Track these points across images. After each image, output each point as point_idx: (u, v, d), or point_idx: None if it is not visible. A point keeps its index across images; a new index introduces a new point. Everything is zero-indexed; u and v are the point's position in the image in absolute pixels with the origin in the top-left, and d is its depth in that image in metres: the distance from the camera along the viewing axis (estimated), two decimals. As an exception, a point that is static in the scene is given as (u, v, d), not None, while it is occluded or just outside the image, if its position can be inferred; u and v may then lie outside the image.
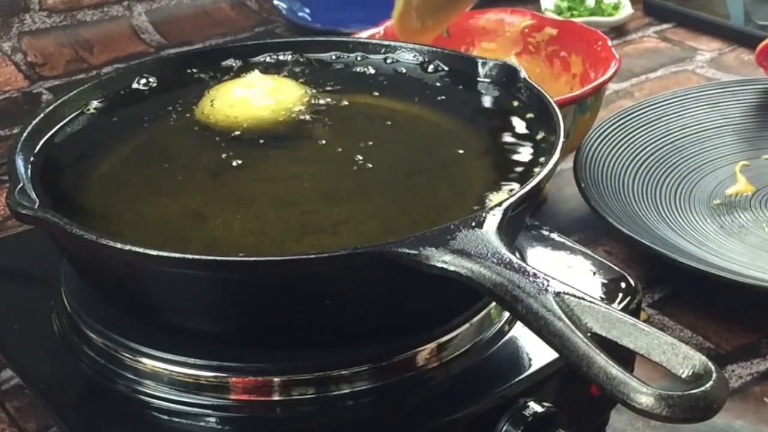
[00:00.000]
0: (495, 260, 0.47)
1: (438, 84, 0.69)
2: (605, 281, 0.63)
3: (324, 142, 0.63)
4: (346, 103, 0.67)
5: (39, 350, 0.60)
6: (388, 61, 0.72)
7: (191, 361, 0.54)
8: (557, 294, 0.46)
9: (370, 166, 0.60)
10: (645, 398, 0.41)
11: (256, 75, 0.69)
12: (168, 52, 1.21)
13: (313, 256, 0.49)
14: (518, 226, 0.57)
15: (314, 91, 0.68)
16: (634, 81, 1.13)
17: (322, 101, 0.67)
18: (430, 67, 0.71)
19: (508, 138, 0.62)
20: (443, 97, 0.67)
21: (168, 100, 0.68)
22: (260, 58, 0.72)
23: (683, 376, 0.43)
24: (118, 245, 0.50)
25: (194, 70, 0.71)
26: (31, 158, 0.60)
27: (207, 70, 0.71)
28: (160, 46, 1.25)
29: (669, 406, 0.41)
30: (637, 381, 0.42)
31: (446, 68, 0.70)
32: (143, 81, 0.69)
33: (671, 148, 0.92)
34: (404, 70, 0.71)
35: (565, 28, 0.94)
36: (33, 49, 1.21)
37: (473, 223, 0.50)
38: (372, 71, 0.71)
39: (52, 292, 0.62)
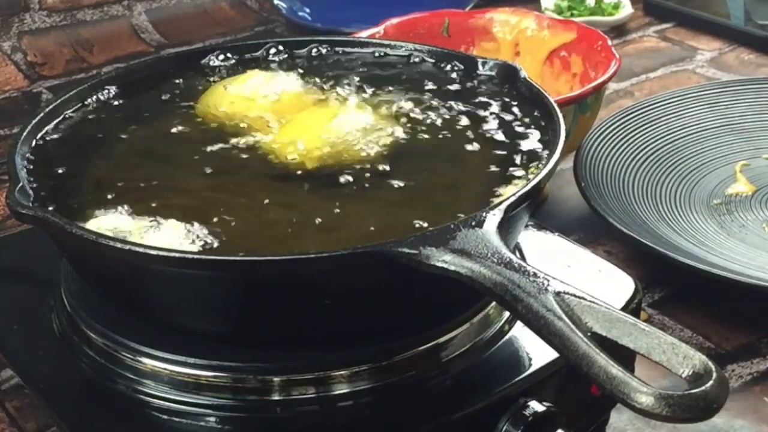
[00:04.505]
0: (495, 260, 0.47)
1: (438, 83, 0.69)
2: (605, 281, 0.63)
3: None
4: (345, 100, 0.67)
5: (39, 350, 0.60)
6: (388, 60, 0.72)
7: (191, 361, 0.54)
8: (557, 293, 0.46)
9: (371, 164, 0.60)
10: (645, 398, 0.41)
11: (256, 73, 0.69)
12: (168, 52, 1.21)
13: (313, 256, 0.49)
14: (518, 225, 0.57)
15: (314, 88, 0.68)
16: (634, 81, 1.13)
17: (322, 99, 0.67)
18: (431, 66, 0.71)
19: (508, 137, 0.62)
20: (442, 97, 0.67)
21: (168, 98, 0.68)
22: (260, 56, 0.72)
23: (683, 375, 0.43)
24: (118, 245, 0.50)
25: (194, 69, 0.71)
26: (31, 158, 0.60)
27: (207, 68, 0.71)
28: (160, 46, 1.25)
29: (669, 406, 0.41)
30: (638, 381, 0.42)
31: (446, 67, 0.70)
32: (143, 80, 0.69)
33: (671, 148, 0.92)
34: (404, 69, 0.71)
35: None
36: (33, 49, 1.21)
37: (473, 223, 0.50)
38: (371, 70, 0.71)
39: (52, 292, 0.62)
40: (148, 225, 0.54)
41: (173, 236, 0.53)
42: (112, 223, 0.54)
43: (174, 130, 0.64)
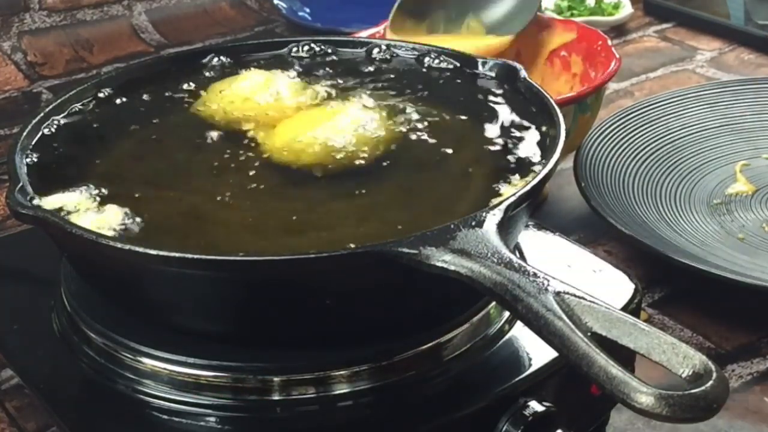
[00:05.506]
0: (495, 260, 0.47)
1: (438, 83, 0.69)
2: (605, 281, 0.63)
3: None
4: (345, 99, 0.67)
5: (39, 350, 0.60)
6: (388, 58, 0.72)
7: (191, 361, 0.54)
8: (557, 293, 0.46)
9: (371, 163, 0.60)
10: (645, 398, 0.41)
11: (255, 72, 0.69)
12: (168, 52, 1.21)
13: (313, 256, 0.49)
14: (518, 225, 0.57)
15: (314, 87, 0.68)
16: (634, 81, 1.13)
17: (322, 98, 0.67)
18: (431, 66, 0.71)
19: (508, 137, 0.62)
20: (443, 96, 0.67)
21: (168, 97, 0.68)
22: (260, 55, 0.72)
23: (683, 375, 0.43)
24: (118, 245, 0.50)
25: (194, 68, 0.71)
26: (32, 157, 0.60)
27: (207, 68, 0.71)
28: (160, 46, 1.25)
29: (669, 406, 0.41)
30: (638, 381, 0.42)
31: (446, 67, 0.70)
32: (143, 80, 0.69)
33: (671, 148, 0.92)
34: (404, 69, 0.71)
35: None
36: (33, 49, 1.21)
37: (473, 223, 0.50)
38: (372, 69, 0.71)
39: (52, 292, 0.62)
40: (95, 208, 0.55)
41: (101, 221, 0.54)
42: (62, 201, 0.55)
43: (174, 130, 0.65)
